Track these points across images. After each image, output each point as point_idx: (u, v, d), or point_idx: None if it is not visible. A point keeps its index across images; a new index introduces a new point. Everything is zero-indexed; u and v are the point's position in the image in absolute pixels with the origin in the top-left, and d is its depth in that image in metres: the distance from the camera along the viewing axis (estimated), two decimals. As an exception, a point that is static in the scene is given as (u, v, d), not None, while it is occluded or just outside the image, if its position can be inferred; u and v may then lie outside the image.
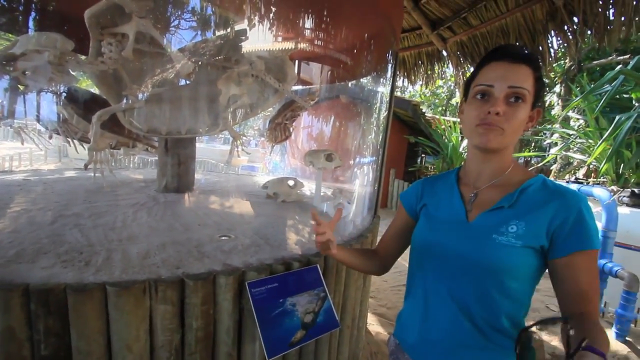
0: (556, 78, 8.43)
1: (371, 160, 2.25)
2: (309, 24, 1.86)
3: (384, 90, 2.14)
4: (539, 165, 6.19)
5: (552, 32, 2.68)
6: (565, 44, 2.67)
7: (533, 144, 7.96)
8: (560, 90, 7.59)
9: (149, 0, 1.41)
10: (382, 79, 2.17)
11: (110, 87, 1.68)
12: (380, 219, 2.17)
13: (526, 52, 0.73)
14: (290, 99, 2.38)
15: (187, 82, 1.87)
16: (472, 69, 3.63)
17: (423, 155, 8.56)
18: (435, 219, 0.86)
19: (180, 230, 1.49)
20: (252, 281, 1.10)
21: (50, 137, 2.03)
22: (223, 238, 1.45)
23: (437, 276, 0.81)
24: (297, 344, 1.08)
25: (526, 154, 6.84)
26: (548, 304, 3.24)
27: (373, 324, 2.63)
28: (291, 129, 2.85)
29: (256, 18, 1.65)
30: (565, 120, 5.87)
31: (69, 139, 2.16)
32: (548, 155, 5.58)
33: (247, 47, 1.76)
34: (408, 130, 7.65)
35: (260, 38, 1.76)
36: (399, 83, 4.79)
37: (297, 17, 1.82)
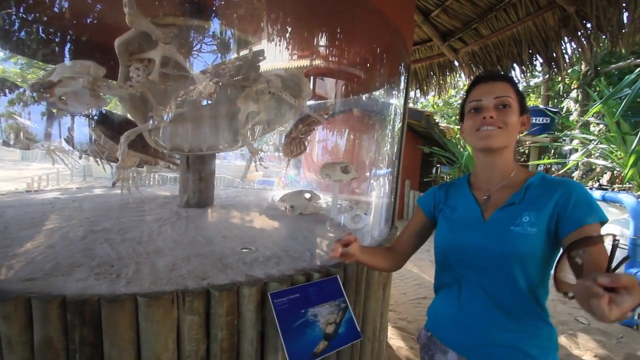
0: (572, 83, 8.26)
1: (387, 172, 2.26)
2: (323, 41, 1.93)
3: (397, 102, 2.17)
4: (560, 172, 6.02)
5: (566, 39, 2.67)
6: (580, 49, 2.65)
7: (552, 151, 7.76)
8: (577, 95, 7.44)
9: (174, 27, 1.50)
10: (395, 92, 2.21)
11: (137, 108, 1.77)
12: (398, 230, 2.17)
13: (502, 73, 0.97)
14: (306, 113, 2.44)
15: (208, 101, 1.96)
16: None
17: (438, 165, 8.48)
18: (454, 221, 0.95)
19: (203, 243, 1.54)
20: (274, 292, 1.13)
21: (80, 157, 2.15)
22: (244, 250, 1.49)
23: (466, 271, 0.90)
24: (319, 355, 1.08)
25: (546, 161, 6.68)
26: (577, 316, 3.11)
27: (394, 338, 2.58)
28: (306, 143, 2.91)
29: (273, 38, 1.72)
30: (585, 126, 5.73)
31: (97, 159, 2.27)
32: (569, 162, 5.42)
33: (264, 65, 1.84)
34: (422, 140, 7.63)
35: (277, 57, 1.83)
36: (412, 94, 4.83)
37: (311, 36, 1.89)
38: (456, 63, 3.63)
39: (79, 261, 1.24)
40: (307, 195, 2.39)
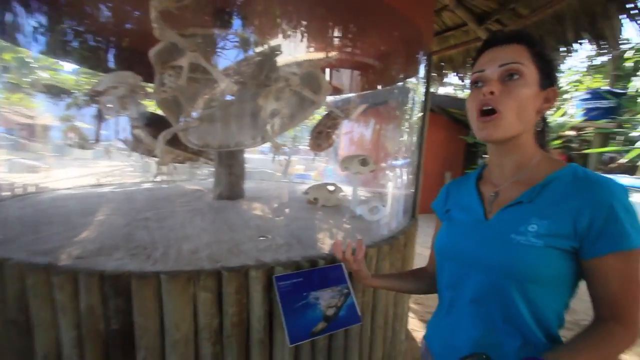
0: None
1: (406, 162, 2.25)
2: (337, 33, 1.97)
3: (415, 92, 2.15)
4: (623, 161, 5.34)
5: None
6: None
7: (620, 138, 6.90)
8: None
9: (198, 37, 1.66)
10: (414, 81, 2.18)
11: (172, 110, 1.98)
12: (428, 224, 2.15)
13: (516, 31, 0.70)
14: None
15: (232, 100, 2.11)
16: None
17: (484, 155, 7.99)
18: (453, 222, 0.82)
19: (225, 231, 1.69)
20: (278, 275, 1.23)
21: (130, 155, 2.44)
22: (261, 238, 1.62)
23: (458, 282, 0.76)
24: (318, 334, 1.17)
25: (611, 149, 5.97)
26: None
27: (419, 331, 2.58)
28: (334, 136, 2.97)
29: (288, 33, 1.81)
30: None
31: (145, 156, 2.57)
32: (632, 149, 4.80)
33: (281, 59, 1.93)
34: (465, 130, 7.23)
35: (293, 51, 1.92)
36: (452, 81, 4.65)
37: (324, 30, 1.95)
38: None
39: (119, 244, 1.45)
40: (331, 188, 2.46)
